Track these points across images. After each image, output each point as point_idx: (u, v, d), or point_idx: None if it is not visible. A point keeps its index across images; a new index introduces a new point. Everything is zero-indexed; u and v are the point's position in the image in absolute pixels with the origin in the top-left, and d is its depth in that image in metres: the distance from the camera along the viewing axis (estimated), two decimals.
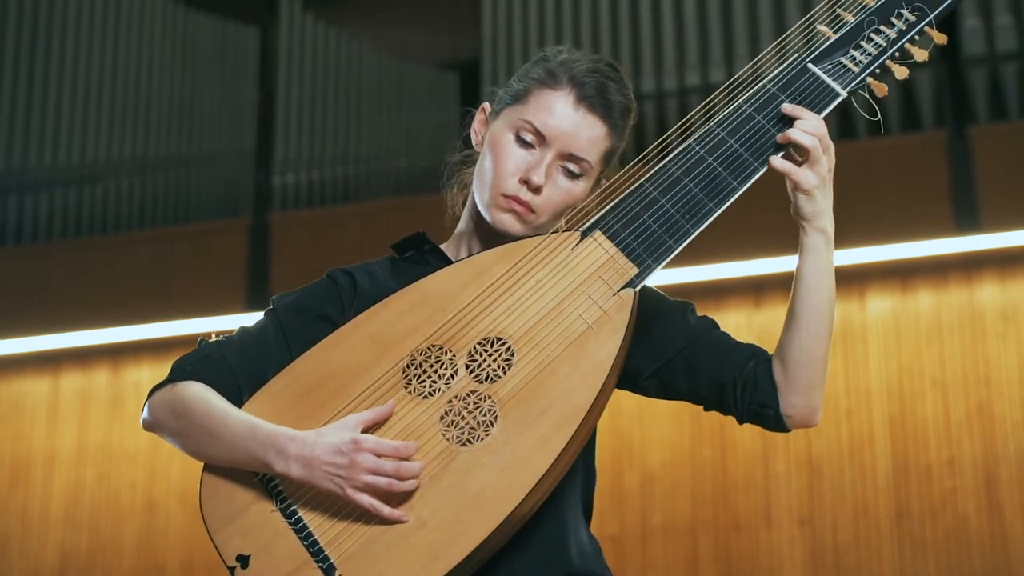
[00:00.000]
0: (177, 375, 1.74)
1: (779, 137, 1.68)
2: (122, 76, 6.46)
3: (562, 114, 1.76)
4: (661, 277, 1.72)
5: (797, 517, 4.98)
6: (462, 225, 1.87)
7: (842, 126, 5.34)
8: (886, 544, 4.87)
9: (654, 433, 5.19)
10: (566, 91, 1.77)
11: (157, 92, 6.43)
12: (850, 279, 5.12)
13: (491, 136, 1.81)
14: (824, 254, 1.69)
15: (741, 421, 1.74)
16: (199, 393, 1.71)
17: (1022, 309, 5.00)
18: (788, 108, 1.70)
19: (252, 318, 1.83)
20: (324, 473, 1.59)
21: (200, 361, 1.74)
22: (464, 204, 1.88)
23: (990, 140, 5.10)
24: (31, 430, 5.98)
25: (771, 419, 1.71)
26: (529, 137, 1.76)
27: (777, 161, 1.68)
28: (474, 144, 1.87)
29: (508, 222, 1.76)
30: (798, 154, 1.68)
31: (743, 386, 1.71)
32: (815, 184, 1.66)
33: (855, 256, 5.05)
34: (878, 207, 5.06)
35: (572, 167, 1.77)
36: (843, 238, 5.52)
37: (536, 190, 1.75)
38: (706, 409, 1.77)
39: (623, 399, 1.88)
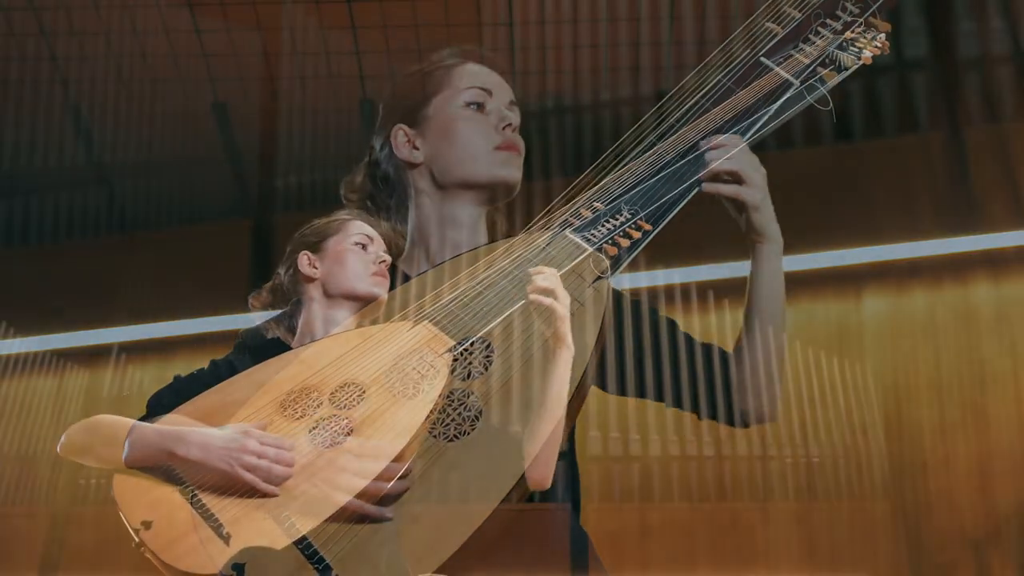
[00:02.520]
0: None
1: (703, 177, 1.73)
2: (127, 78, 6.49)
3: (486, 72, 1.89)
4: (661, 278, 1.76)
5: (794, 515, 5.01)
6: (408, 247, 1.94)
7: (838, 127, 5.36)
8: (882, 541, 4.89)
9: (652, 430, 5.21)
10: (470, 63, 1.90)
11: (161, 93, 6.46)
12: (846, 280, 5.15)
13: (438, 126, 1.89)
14: (775, 259, 1.78)
15: (700, 418, 1.79)
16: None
17: (1016, 309, 5.02)
18: (706, 144, 1.74)
19: (254, 319, 1.89)
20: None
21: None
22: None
23: (984, 142, 5.12)
24: (37, 429, 6.01)
25: (728, 417, 1.78)
26: (480, 96, 1.86)
27: (718, 186, 1.73)
28: (410, 160, 1.95)
29: (511, 172, 1.85)
30: (731, 180, 1.72)
31: (699, 387, 1.77)
32: (760, 198, 1.72)
33: (851, 257, 5.08)
34: (873, 208, 5.09)
35: (514, 116, 1.87)
36: (839, 239, 5.52)
37: (516, 129, 1.84)
38: (667, 407, 1.82)
39: None
